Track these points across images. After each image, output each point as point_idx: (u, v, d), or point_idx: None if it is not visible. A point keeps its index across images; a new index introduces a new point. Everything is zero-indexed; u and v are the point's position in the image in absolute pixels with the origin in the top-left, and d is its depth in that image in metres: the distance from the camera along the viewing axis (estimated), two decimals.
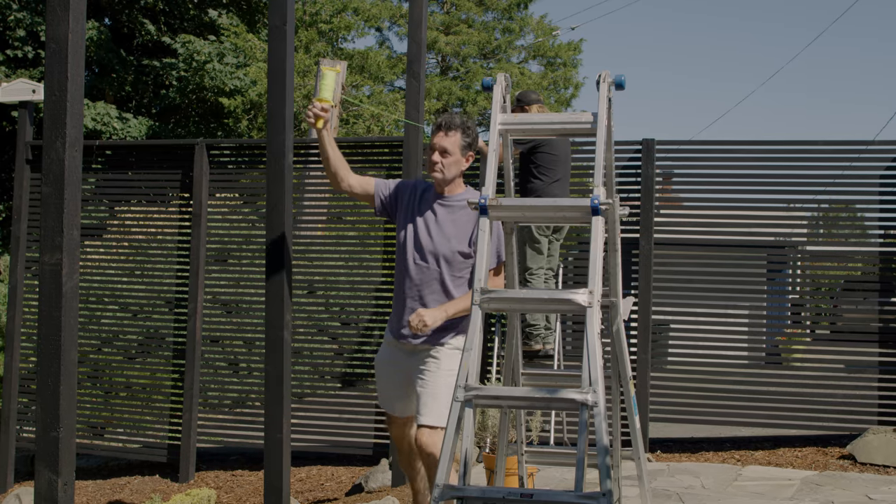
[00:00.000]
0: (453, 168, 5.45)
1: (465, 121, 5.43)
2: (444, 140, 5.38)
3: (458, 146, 5.40)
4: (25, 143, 9.78)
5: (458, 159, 5.44)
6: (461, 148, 5.42)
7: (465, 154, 5.45)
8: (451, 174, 5.45)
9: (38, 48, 19.09)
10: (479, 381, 4.53)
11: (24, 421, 9.77)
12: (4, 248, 17.97)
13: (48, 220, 4.05)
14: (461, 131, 5.40)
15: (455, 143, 5.39)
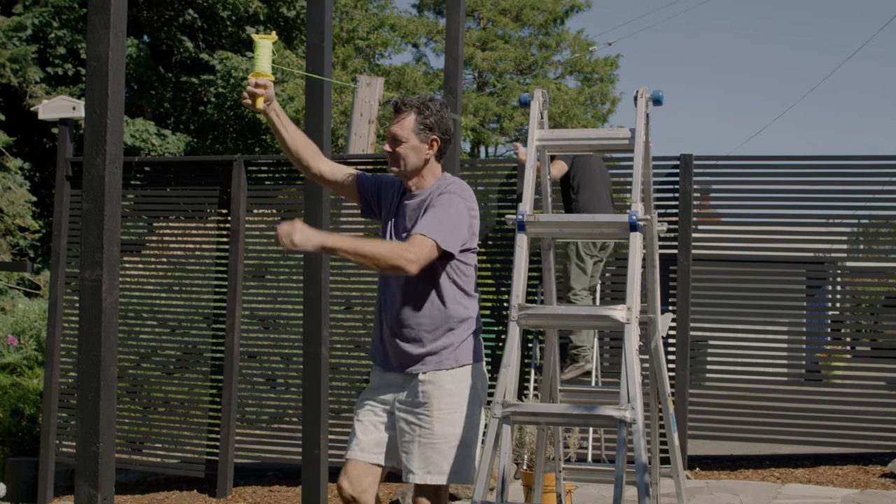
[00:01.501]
0: (411, 156, 4.54)
1: (423, 99, 4.57)
2: (394, 126, 4.57)
3: (413, 129, 4.51)
4: (66, 160, 9.85)
5: (415, 145, 4.53)
6: (417, 131, 4.52)
7: (427, 138, 4.53)
8: (411, 164, 4.55)
9: (79, 66, 19.27)
10: (516, 398, 4.52)
11: (63, 435, 9.82)
12: (45, 264, 18.11)
13: (88, 236, 4.08)
14: (416, 111, 4.53)
15: (408, 126, 4.52)
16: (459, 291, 4.55)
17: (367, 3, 28.32)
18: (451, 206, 4.45)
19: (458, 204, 4.49)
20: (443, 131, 4.57)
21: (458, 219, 4.46)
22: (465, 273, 4.57)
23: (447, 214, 4.42)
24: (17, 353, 12.40)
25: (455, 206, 4.47)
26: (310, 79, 6.22)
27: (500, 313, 9.09)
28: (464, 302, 4.56)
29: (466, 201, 4.54)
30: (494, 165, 9.90)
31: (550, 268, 5.58)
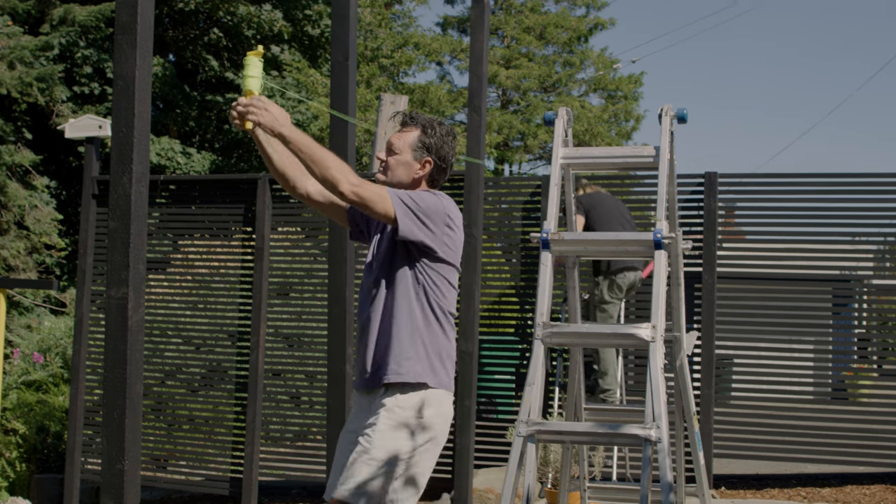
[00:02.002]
0: (399, 170, 4.41)
1: (431, 120, 4.48)
2: (394, 136, 4.49)
3: (411, 145, 4.40)
4: (92, 178, 9.90)
5: (406, 161, 4.41)
6: (414, 148, 4.40)
7: (420, 157, 4.41)
8: (397, 177, 4.41)
9: (105, 85, 19.39)
10: (541, 416, 4.51)
11: (88, 453, 9.85)
12: (70, 282, 18.20)
13: (115, 254, 4.09)
14: (420, 129, 4.43)
15: (407, 140, 4.42)
16: (428, 305, 4.26)
17: (392, 21, 28.40)
18: (426, 194, 4.28)
19: (434, 198, 4.28)
20: (440, 156, 4.43)
21: (429, 203, 4.23)
22: (438, 286, 4.28)
23: (418, 194, 4.24)
24: (43, 371, 12.44)
25: (430, 196, 4.27)
26: (334, 98, 6.24)
27: (524, 331, 9.08)
28: (431, 318, 4.26)
29: (445, 205, 4.28)
30: (518, 183, 9.90)
31: (575, 286, 5.57)
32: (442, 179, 4.52)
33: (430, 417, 4.19)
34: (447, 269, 4.29)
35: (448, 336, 4.30)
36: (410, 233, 4.14)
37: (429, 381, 4.18)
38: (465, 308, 8.44)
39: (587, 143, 28.79)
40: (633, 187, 9.51)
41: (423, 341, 4.20)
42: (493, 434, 8.95)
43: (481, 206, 8.47)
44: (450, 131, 4.48)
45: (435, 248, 4.21)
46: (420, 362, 4.18)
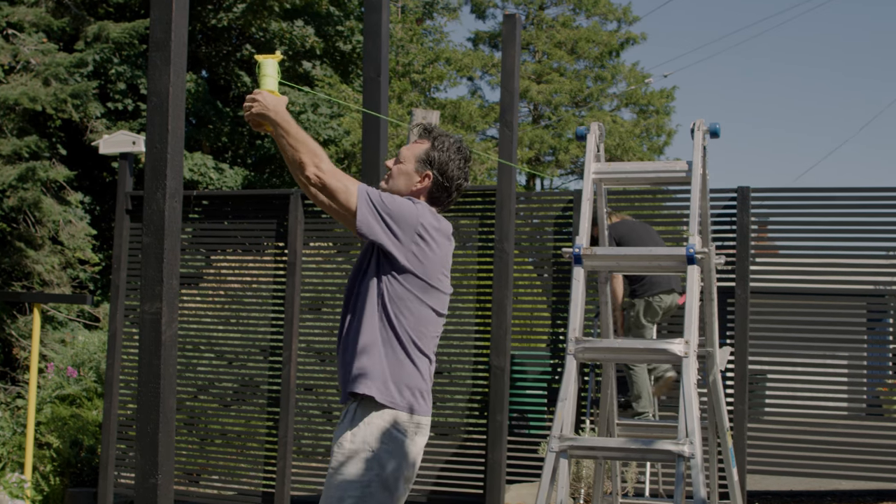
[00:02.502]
0: (399, 180, 4.31)
1: (444, 136, 4.36)
2: (406, 146, 4.39)
3: (416, 157, 4.29)
4: (125, 194, 9.96)
5: (408, 171, 4.30)
6: (419, 160, 4.29)
7: (422, 171, 4.29)
8: (395, 187, 4.30)
9: (138, 101, 19.52)
10: (573, 431, 4.50)
11: (122, 467, 9.89)
12: (104, 297, 18.30)
13: (148, 269, 4.12)
14: (430, 142, 4.32)
15: (415, 151, 4.32)
16: (386, 320, 4.08)
17: (423, 37, 28.49)
18: (402, 199, 4.14)
19: (409, 204, 4.14)
20: (441, 172, 4.27)
21: (401, 207, 4.08)
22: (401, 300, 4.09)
23: (391, 196, 4.11)
24: (77, 385, 12.52)
25: (404, 202, 4.13)
26: (367, 113, 6.27)
27: (555, 346, 9.07)
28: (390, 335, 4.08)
29: (420, 213, 4.13)
30: (550, 198, 9.89)
31: (607, 301, 5.56)
32: (445, 198, 4.35)
33: (373, 435, 4.02)
34: (416, 282, 4.10)
35: (409, 358, 4.09)
36: (369, 229, 4.00)
37: (377, 396, 4.02)
38: (496, 323, 8.44)
39: (619, 157, 28.76)
40: (664, 202, 9.48)
41: (377, 357, 4.05)
42: (525, 449, 8.93)
43: (513, 221, 8.47)
44: (460, 150, 4.32)
45: (397, 255, 4.05)
46: (370, 378, 4.03)
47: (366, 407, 4.04)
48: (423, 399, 4.14)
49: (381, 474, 3.99)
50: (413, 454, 4.11)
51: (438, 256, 4.16)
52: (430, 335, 4.17)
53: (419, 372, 4.11)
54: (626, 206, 9.26)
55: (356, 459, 3.98)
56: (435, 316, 4.18)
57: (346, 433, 4.05)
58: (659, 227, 9.10)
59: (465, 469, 8.97)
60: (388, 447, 4.01)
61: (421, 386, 4.12)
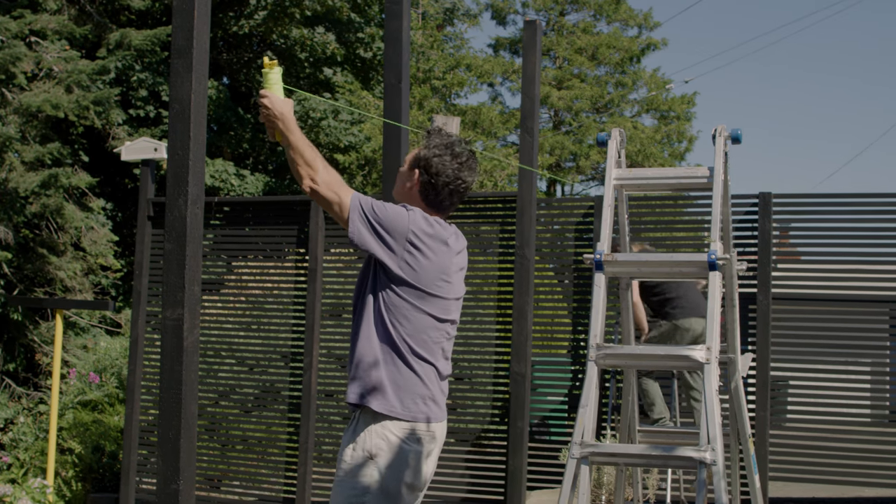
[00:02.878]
0: (398, 181, 4.37)
1: (434, 134, 4.33)
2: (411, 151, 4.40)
3: (410, 159, 4.32)
4: (147, 200, 10.00)
5: (405, 172, 4.33)
6: (411, 161, 4.32)
7: (412, 170, 4.31)
8: (396, 189, 4.38)
9: (160, 108, 19.59)
10: (594, 438, 4.49)
11: (143, 472, 9.91)
12: (126, 303, 18.36)
13: (170, 275, 4.13)
14: (426, 139, 4.33)
15: (410, 154, 4.35)
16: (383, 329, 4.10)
17: (444, 43, 28.51)
18: (396, 207, 4.13)
19: (402, 212, 4.11)
20: (426, 169, 4.24)
21: (393, 216, 4.07)
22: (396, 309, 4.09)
23: (384, 205, 4.09)
24: (99, 391, 12.56)
25: (397, 210, 4.12)
26: (388, 118, 6.27)
27: (576, 352, 9.05)
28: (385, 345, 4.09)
29: (412, 221, 4.11)
30: (570, 204, 9.88)
31: (628, 307, 5.55)
32: (444, 199, 4.30)
33: (371, 444, 4.05)
34: (411, 291, 4.09)
35: (408, 365, 4.09)
36: (360, 239, 4.03)
37: (375, 406, 4.05)
38: (517, 329, 8.43)
39: (640, 163, 28.72)
40: (686, 208, 9.45)
41: (375, 366, 4.07)
42: (546, 456, 8.91)
43: (534, 227, 8.46)
44: (449, 147, 4.26)
45: (390, 265, 4.06)
46: (369, 387, 4.07)
47: (367, 417, 4.08)
48: (428, 405, 4.13)
49: (381, 482, 4.01)
50: (417, 461, 4.11)
51: (435, 263, 4.15)
52: (432, 341, 4.16)
53: (420, 379, 4.11)
54: (647, 211, 9.25)
55: (357, 468, 4.02)
56: (435, 322, 4.17)
57: (349, 442, 4.10)
58: (680, 233, 9.08)
59: (486, 475, 8.96)
60: (388, 455, 4.04)
61: (424, 393, 4.12)
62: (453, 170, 4.24)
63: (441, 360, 4.21)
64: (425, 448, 4.13)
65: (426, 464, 4.16)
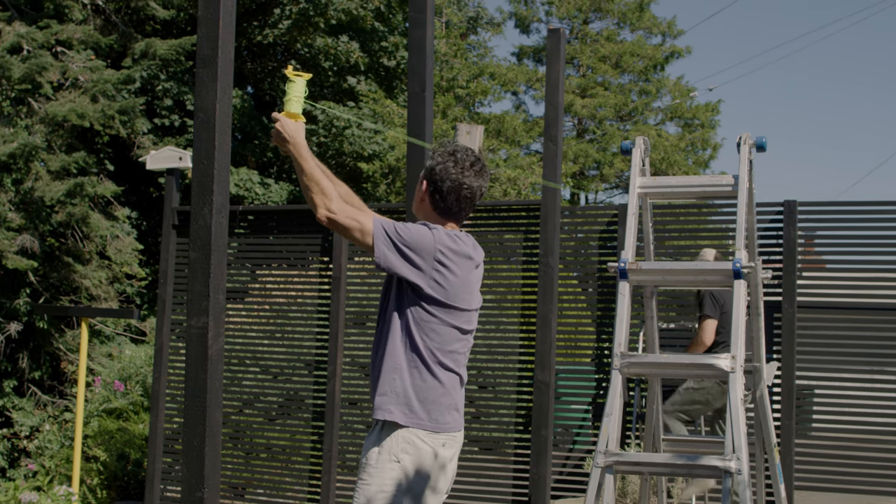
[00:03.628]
0: (415, 195, 4.43)
1: (441, 145, 4.38)
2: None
3: (422, 172, 4.41)
4: (172, 209, 10.03)
5: (418, 186, 4.40)
6: (422, 173, 4.40)
7: (421, 181, 4.37)
8: (413, 203, 4.43)
9: (185, 117, 19.67)
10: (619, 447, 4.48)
11: (168, 480, 9.94)
12: (150, 311, 18.43)
13: (195, 284, 4.14)
14: (433, 152, 4.37)
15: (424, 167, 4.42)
16: (410, 343, 4.17)
17: (467, 52, 28.53)
18: (418, 227, 4.17)
19: (425, 231, 4.15)
20: (430, 178, 4.29)
21: (417, 236, 4.11)
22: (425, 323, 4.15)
23: (407, 227, 4.13)
24: (124, 399, 12.61)
25: (420, 230, 4.15)
26: (411, 129, 6.28)
27: (600, 361, 9.03)
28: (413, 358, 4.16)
29: (437, 239, 4.14)
30: (594, 212, 9.85)
31: (653, 315, 5.53)
32: (446, 203, 4.29)
33: (398, 455, 4.10)
34: (439, 307, 4.15)
35: (434, 376, 4.15)
36: (388, 264, 4.07)
37: (400, 419, 4.11)
38: (541, 337, 8.42)
39: (664, 171, 28.67)
40: (710, 216, 9.43)
41: (401, 380, 4.13)
42: (571, 464, 8.89)
43: (557, 236, 8.45)
44: (451, 154, 4.29)
45: (421, 284, 4.11)
46: (395, 401, 4.12)
47: (391, 425, 4.14)
48: (451, 415, 4.20)
49: (407, 486, 4.07)
50: (442, 466, 4.17)
51: (460, 278, 4.19)
52: (457, 352, 4.22)
53: (445, 388, 4.17)
54: (671, 220, 9.23)
55: (383, 471, 4.07)
56: (460, 334, 4.23)
57: (372, 448, 4.15)
58: (704, 242, 9.04)
59: (510, 484, 8.95)
60: (414, 460, 4.10)
61: (449, 402, 4.19)
62: (456, 174, 4.25)
63: (463, 368, 4.28)
64: (449, 452, 4.19)
65: (449, 468, 4.22)
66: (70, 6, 16.18)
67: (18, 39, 14.56)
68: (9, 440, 14.90)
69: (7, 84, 14.33)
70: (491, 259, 9.75)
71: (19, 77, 14.06)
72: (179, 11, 19.29)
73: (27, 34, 14.62)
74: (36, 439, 13.30)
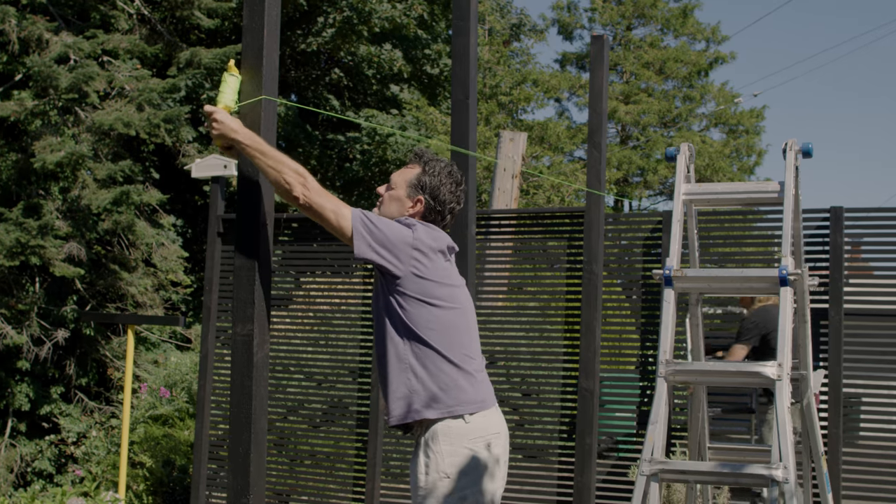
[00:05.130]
0: (391, 205, 4.33)
1: (435, 161, 4.35)
2: (396, 172, 4.41)
3: (408, 182, 4.30)
4: (217, 217, 10.07)
5: (399, 196, 4.31)
6: (410, 185, 4.30)
7: (413, 196, 4.30)
8: (387, 212, 4.32)
9: None
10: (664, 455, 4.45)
11: (213, 487, 9.98)
12: (196, 318, 18.53)
13: (240, 291, 4.16)
14: (421, 167, 4.32)
15: (406, 176, 4.33)
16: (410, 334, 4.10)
17: (510, 59, 28.53)
18: (394, 223, 4.15)
19: (401, 227, 4.14)
20: (433, 196, 4.27)
21: (394, 231, 4.10)
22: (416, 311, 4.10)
23: (383, 221, 4.13)
24: (169, 405, 12.69)
25: (397, 225, 4.14)
26: (454, 136, 6.29)
27: (645, 368, 8.99)
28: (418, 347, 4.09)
29: (416, 236, 4.13)
30: (638, 219, 9.82)
31: (698, 323, 5.50)
32: (438, 223, 4.32)
33: (445, 463, 4.05)
34: (423, 284, 4.10)
35: (448, 361, 4.09)
36: (365, 253, 4.03)
37: (429, 414, 4.07)
38: (584, 345, 8.39)
39: (708, 178, 28.53)
40: (755, 223, 9.36)
41: (414, 375, 4.08)
42: (615, 472, 8.86)
43: (601, 243, 8.42)
44: (451, 174, 4.33)
45: (399, 273, 4.07)
46: (418, 399, 4.08)
47: (431, 434, 4.08)
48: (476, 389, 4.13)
49: (464, 498, 4.01)
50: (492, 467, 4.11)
51: (442, 264, 4.17)
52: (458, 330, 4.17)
53: (460, 369, 4.11)
54: (715, 226, 9.18)
55: (435, 490, 4.02)
56: (452, 312, 4.16)
57: (421, 466, 4.09)
58: (749, 248, 8.99)
59: (554, 492, 8.93)
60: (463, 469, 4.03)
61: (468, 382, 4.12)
62: (454, 195, 4.32)
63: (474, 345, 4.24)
64: (493, 454, 4.13)
65: (499, 470, 4.16)
66: (116, 16, 16.32)
67: (66, 49, 14.70)
68: (56, 446, 15.03)
69: (54, 93, 14.47)
70: (535, 266, 9.74)
71: (66, 86, 14.19)
72: (224, 20, 19.39)
73: (74, 44, 14.76)
74: (83, 445, 13.41)
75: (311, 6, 22.08)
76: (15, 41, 14.77)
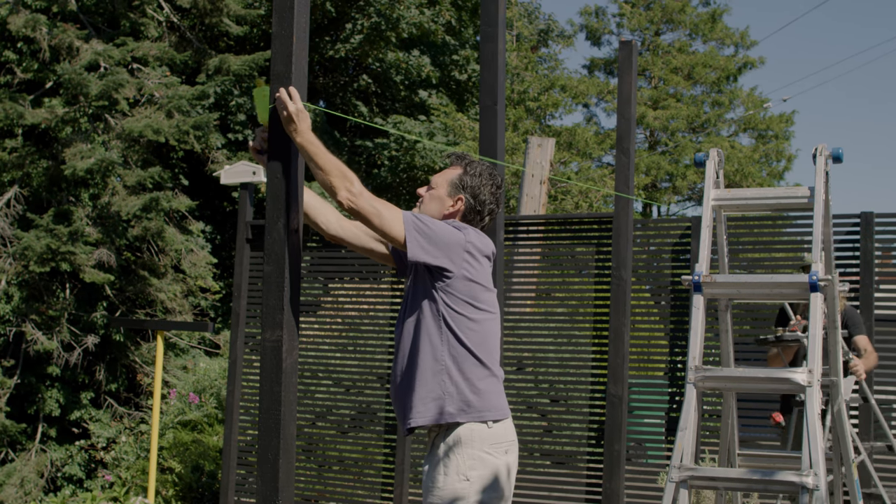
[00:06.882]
0: (432, 205, 4.40)
1: (475, 163, 4.43)
2: (437, 174, 4.47)
3: (449, 182, 4.38)
4: (246, 223, 10.11)
5: (440, 196, 4.39)
6: (451, 185, 4.37)
7: (454, 195, 4.37)
8: (427, 211, 4.39)
9: None
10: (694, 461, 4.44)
11: (241, 492, 10.01)
12: (224, 324, 18.60)
13: (269, 298, 4.17)
14: (462, 168, 4.40)
15: (447, 176, 4.41)
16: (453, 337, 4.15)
17: (538, 64, 28.51)
18: (444, 224, 4.22)
19: (452, 228, 4.20)
20: (474, 196, 4.34)
21: (446, 231, 4.16)
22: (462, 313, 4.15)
23: (434, 221, 4.18)
24: (198, 411, 12.73)
25: (447, 226, 4.20)
26: (482, 142, 6.29)
27: (673, 375, 8.96)
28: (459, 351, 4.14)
29: (468, 237, 4.20)
30: (667, 225, 9.80)
31: (727, 329, 5.48)
32: (477, 223, 4.39)
33: (465, 465, 4.10)
34: (472, 287, 4.17)
35: (481, 363, 4.15)
36: (419, 257, 4.07)
37: (461, 418, 4.11)
38: (613, 351, 8.37)
39: (738, 183, 28.41)
40: (784, 228, 9.32)
41: (450, 377, 4.13)
42: (644, 479, 8.83)
43: (630, 249, 8.40)
44: (492, 176, 4.40)
45: (453, 270, 4.13)
46: (450, 401, 4.12)
47: (453, 436, 4.13)
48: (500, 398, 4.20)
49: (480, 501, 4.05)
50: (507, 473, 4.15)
51: (487, 271, 4.24)
52: (493, 336, 4.24)
53: (490, 372, 4.18)
54: (744, 232, 9.14)
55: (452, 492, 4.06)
56: (491, 318, 4.24)
57: (437, 466, 4.14)
58: (779, 254, 8.95)
59: (582, 498, 8.90)
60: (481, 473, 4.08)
61: (497, 388, 4.20)
62: (493, 196, 4.40)
63: (497, 353, 4.30)
64: (509, 461, 4.18)
65: (513, 471, 4.21)
66: (146, 24, 16.42)
67: (96, 57, 14.82)
68: (86, 451, 15.13)
69: (85, 101, 14.58)
70: (563, 272, 9.73)
71: (96, 94, 14.29)
72: (253, 28, 19.47)
73: (104, 52, 14.86)
74: (112, 451, 13.47)
75: (340, 13, 22.15)
76: (46, 49, 14.90)
